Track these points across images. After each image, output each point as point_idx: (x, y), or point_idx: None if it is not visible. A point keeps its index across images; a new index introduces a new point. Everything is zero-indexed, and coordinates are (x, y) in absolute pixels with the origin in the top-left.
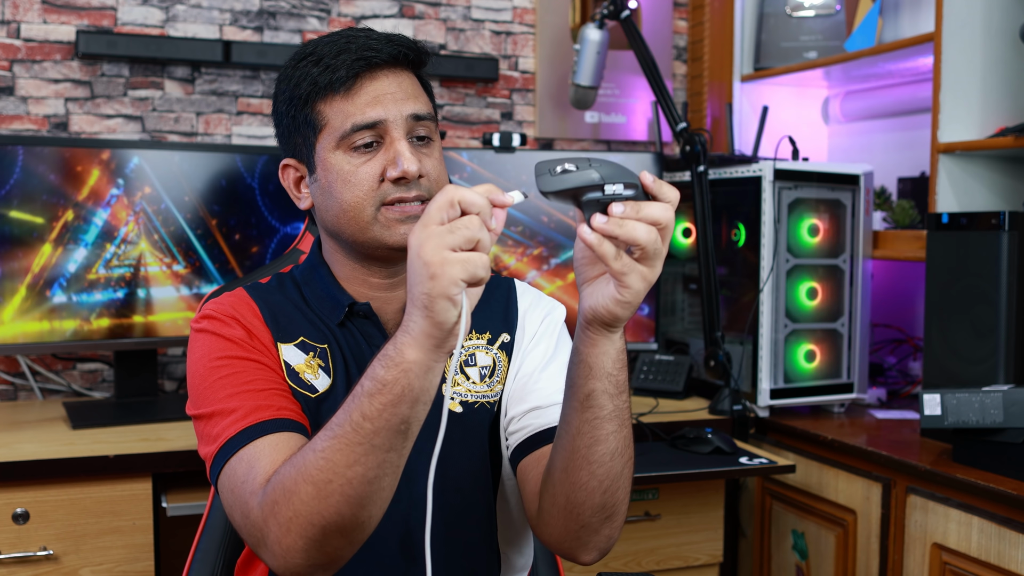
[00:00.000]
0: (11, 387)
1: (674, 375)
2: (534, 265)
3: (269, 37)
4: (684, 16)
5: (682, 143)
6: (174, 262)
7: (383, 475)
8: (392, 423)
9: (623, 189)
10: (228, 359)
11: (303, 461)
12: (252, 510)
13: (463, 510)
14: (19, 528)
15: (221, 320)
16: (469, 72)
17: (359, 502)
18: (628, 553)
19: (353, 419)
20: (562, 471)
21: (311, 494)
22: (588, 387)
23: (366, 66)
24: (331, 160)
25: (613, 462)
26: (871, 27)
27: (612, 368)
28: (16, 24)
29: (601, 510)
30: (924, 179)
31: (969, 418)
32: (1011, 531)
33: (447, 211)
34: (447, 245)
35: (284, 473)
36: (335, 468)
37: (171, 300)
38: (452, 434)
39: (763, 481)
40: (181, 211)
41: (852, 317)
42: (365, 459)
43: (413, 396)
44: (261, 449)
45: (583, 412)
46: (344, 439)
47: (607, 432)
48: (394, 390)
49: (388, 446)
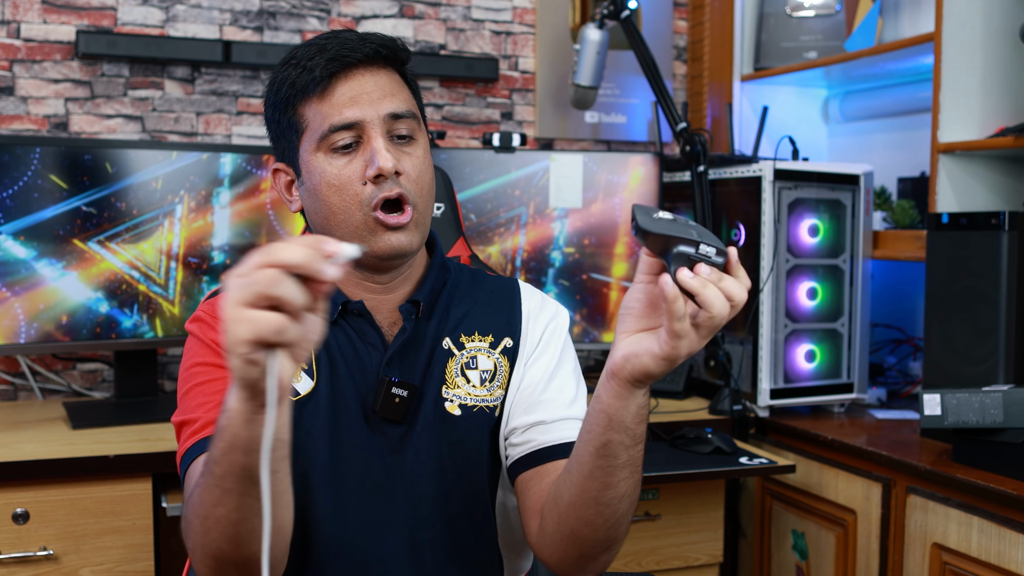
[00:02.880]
0: (11, 387)
1: (674, 375)
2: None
3: (269, 37)
4: (684, 16)
5: (682, 143)
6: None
7: (247, 517)
8: (234, 469)
9: (715, 255)
10: (204, 366)
11: (191, 497)
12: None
13: (462, 512)
14: (19, 528)
15: (207, 323)
16: (469, 72)
17: (234, 539)
18: (628, 553)
19: (208, 463)
20: (570, 505)
21: (198, 528)
22: (605, 437)
23: (340, 66)
24: (313, 162)
25: (621, 504)
26: (871, 27)
27: (631, 423)
28: (16, 24)
29: (604, 542)
30: (924, 179)
31: (969, 418)
32: (1011, 531)
33: (251, 270)
34: (239, 299)
35: (186, 502)
36: (206, 506)
37: (170, 300)
38: (449, 436)
39: (763, 481)
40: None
41: (852, 317)
42: (224, 500)
43: (243, 444)
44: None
45: (597, 459)
46: (206, 478)
47: (619, 479)
48: (225, 436)
49: (240, 490)
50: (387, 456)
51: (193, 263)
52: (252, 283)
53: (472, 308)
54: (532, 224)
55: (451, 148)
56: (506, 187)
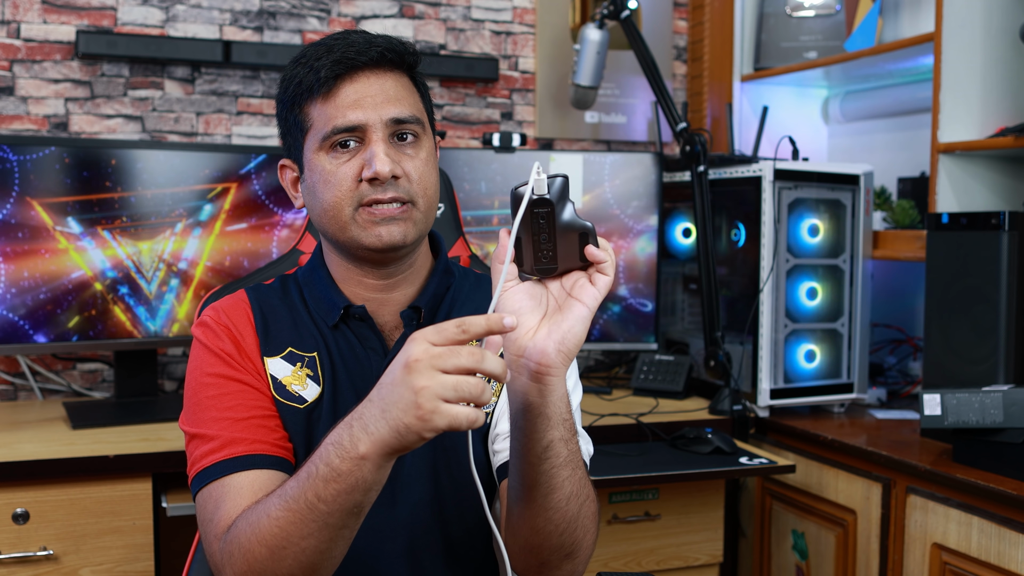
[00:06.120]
0: (11, 387)
1: (674, 375)
2: None
3: (269, 37)
4: (684, 16)
5: (682, 143)
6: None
7: (336, 545)
8: (346, 507)
9: (546, 180)
10: (216, 377)
11: (258, 524)
12: (214, 553)
13: (457, 517)
14: (19, 528)
15: (214, 331)
16: (469, 72)
17: (311, 567)
18: (628, 553)
19: (308, 498)
20: (519, 517)
21: (265, 555)
22: (548, 437)
23: (346, 68)
24: (315, 161)
25: (569, 506)
26: (871, 27)
27: (565, 412)
28: (16, 24)
29: (559, 549)
30: (924, 179)
31: (969, 418)
32: (1011, 531)
33: (464, 362)
34: (443, 395)
35: (240, 529)
36: (289, 537)
37: (171, 300)
38: (443, 441)
39: (763, 481)
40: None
41: (852, 317)
42: (319, 534)
43: (366, 486)
44: (228, 489)
45: (541, 464)
46: (299, 514)
47: (562, 479)
48: (348, 480)
49: (342, 524)
50: None
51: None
52: (466, 387)
53: (473, 314)
54: None
55: (451, 148)
56: (506, 187)
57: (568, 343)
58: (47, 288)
